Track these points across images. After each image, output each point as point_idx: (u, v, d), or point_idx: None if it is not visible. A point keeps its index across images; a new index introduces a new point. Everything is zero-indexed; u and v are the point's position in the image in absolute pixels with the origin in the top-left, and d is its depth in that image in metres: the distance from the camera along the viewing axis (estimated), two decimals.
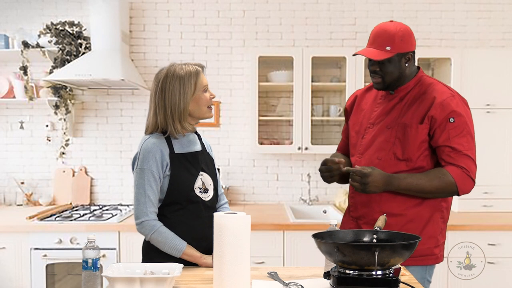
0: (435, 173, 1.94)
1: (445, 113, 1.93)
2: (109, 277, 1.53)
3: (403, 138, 1.97)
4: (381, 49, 1.95)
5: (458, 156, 1.92)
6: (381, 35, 1.96)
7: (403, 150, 1.97)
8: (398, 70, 1.99)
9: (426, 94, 1.99)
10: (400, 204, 1.98)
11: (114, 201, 3.86)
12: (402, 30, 1.95)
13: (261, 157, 3.89)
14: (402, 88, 2.04)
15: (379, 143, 2.02)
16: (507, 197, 3.50)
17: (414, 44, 2.00)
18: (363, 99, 2.19)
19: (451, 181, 1.91)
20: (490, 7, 3.87)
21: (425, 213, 2.00)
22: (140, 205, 1.88)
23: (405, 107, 2.01)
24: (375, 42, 1.97)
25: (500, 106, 3.48)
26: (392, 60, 1.97)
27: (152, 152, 1.89)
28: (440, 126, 1.93)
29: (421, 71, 2.09)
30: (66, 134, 3.72)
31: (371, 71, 2.02)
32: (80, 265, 2.40)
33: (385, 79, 2.00)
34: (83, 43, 3.65)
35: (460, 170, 1.92)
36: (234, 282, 1.55)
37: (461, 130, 1.93)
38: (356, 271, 1.48)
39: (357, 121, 2.16)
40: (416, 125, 1.96)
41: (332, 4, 3.86)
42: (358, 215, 2.06)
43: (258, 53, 3.55)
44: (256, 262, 3.02)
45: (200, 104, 1.96)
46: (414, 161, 1.97)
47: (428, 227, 2.01)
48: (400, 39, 1.94)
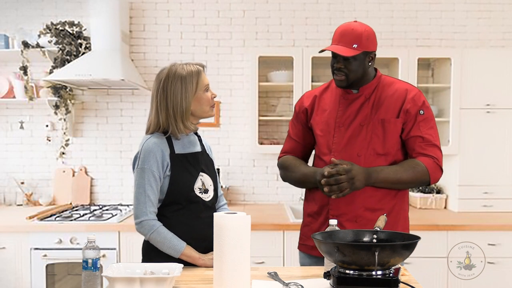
0: (409, 164, 2.02)
1: (417, 106, 2.04)
2: (109, 277, 1.53)
3: (382, 133, 2.03)
4: (349, 47, 1.98)
5: (428, 146, 2.03)
6: (348, 33, 2.00)
7: (383, 145, 2.03)
8: (362, 68, 2.04)
9: (394, 90, 2.08)
10: (380, 199, 2.03)
11: (114, 201, 3.86)
12: (367, 30, 2.02)
13: (261, 157, 3.89)
14: (367, 87, 2.09)
15: (356, 141, 2.05)
16: (507, 197, 3.50)
17: (376, 44, 2.08)
18: (322, 99, 2.19)
19: (424, 170, 2.00)
20: (490, 7, 3.87)
21: (398, 205, 2.09)
22: (140, 204, 1.88)
23: (375, 104, 2.06)
24: (342, 40, 2.00)
25: (500, 106, 3.48)
26: (357, 58, 2.01)
27: (153, 152, 1.89)
28: (412, 119, 2.03)
29: (378, 71, 2.15)
30: (66, 134, 3.72)
31: (336, 68, 2.04)
32: (80, 265, 2.40)
33: (349, 76, 2.03)
34: (83, 43, 3.65)
35: (431, 160, 2.02)
36: (234, 282, 1.55)
37: (429, 122, 2.05)
38: (356, 271, 1.48)
39: (321, 120, 2.15)
40: (394, 119, 2.03)
41: (332, 4, 3.86)
42: (339, 213, 2.05)
43: (258, 53, 3.55)
44: (256, 262, 3.02)
45: (202, 104, 1.96)
46: (392, 155, 2.05)
47: (402, 219, 2.11)
48: (366, 38, 2.00)
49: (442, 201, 3.71)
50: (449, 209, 3.69)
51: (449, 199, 3.68)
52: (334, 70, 2.06)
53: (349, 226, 2.02)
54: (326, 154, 2.12)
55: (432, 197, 3.69)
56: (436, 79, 3.79)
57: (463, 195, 3.51)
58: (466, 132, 3.49)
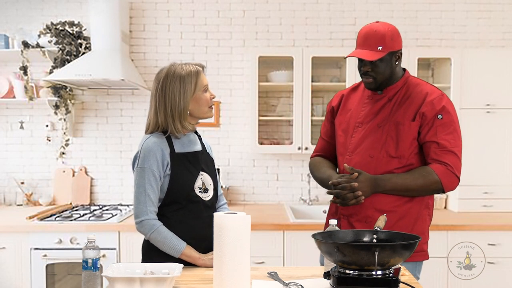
0: (419, 172, 1.97)
1: (434, 110, 1.97)
2: (109, 277, 1.53)
3: (396, 135, 2.00)
4: (373, 50, 1.97)
5: (443, 153, 1.96)
6: (371, 36, 1.98)
7: (396, 147, 2.00)
8: (390, 69, 2.02)
9: (416, 92, 2.04)
10: (392, 201, 2.00)
11: (114, 201, 3.86)
12: (391, 30, 2.00)
13: (261, 157, 3.89)
14: (391, 88, 2.07)
15: (371, 142, 2.03)
16: (507, 197, 3.50)
17: (401, 42, 2.06)
18: (349, 99, 2.20)
19: (435, 179, 1.94)
20: (490, 7, 3.87)
21: (414, 210, 2.03)
22: (140, 204, 1.88)
23: (395, 106, 2.04)
24: (366, 43, 1.99)
25: (500, 106, 3.48)
26: (384, 60, 1.99)
27: (153, 151, 1.89)
28: (429, 123, 1.98)
29: (407, 71, 2.13)
30: (66, 134, 3.72)
31: (363, 72, 2.03)
32: (80, 265, 2.40)
33: (377, 79, 2.02)
34: (83, 43, 3.65)
35: (444, 167, 1.95)
36: (234, 282, 1.55)
37: (448, 127, 1.97)
38: (356, 271, 1.48)
39: (344, 120, 2.16)
40: (409, 122, 1.99)
41: (332, 4, 3.86)
42: (349, 212, 2.05)
43: (258, 53, 3.55)
44: (256, 262, 3.02)
45: (200, 104, 1.96)
46: (406, 158, 2.00)
47: (418, 224, 2.05)
48: (391, 38, 1.98)
49: (442, 201, 3.71)
50: (449, 209, 3.69)
51: (449, 199, 3.68)
52: (361, 74, 2.05)
53: (359, 226, 2.02)
54: (342, 154, 2.14)
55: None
56: (436, 79, 3.79)
57: (463, 195, 3.51)
58: (466, 132, 3.47)
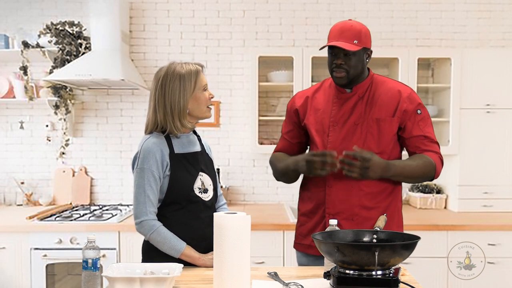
0: (419, 158, 2.07)
1: (413, 105, 2.08)
2: (109, 277, 1.53)
3: (377, 132, 2.05)
4: (350, 42, 2.00)
5: (430, 143, 2.10)
6: (347, 30, 2.02)
7: (378, 143, 2.05)
8: (361, 64, 2.06)
9: (386, 89, 2.11)
10: (374, 197, 2.05)
11: (114, 201, 3.86)
12: (365, 28, 2.06)
13: (261, 157, 3.89)
14: (360, 86, 2.10)
15: (352, 139, 2.06)
16: (507, 197, 3.50)
17: (371, 43, 2.10)
18: (314, 99, 2.20)
19: (433, 165, 2.05)
20: (490, 7, 3.87)
21: (394, 204, 2.12)
22: (140, 204, 1.88)
23: (369, 103, 2.08)
24: (342, 36, 2.01)
25: (500, 106, 3.48)
26: (357, 54, 2.03)
27: (152, 152, 1.89)
28: (411, 118, 2.07)
29: (371, 70, 2.17)
30: (66, 134, 3.72)
31: (336, 65, 2.05)
32: (80, 265, 2.39)
33: (349, 73, 2.04)
34: (83, 43, 3.65)
35: (436, 155, 2.09)
36: (234, 282, 1.55)
37: (427, 121, 2.11)
38: (356, 271, 1.48)
39: (315, 120, 2.16)
40: (390, 118, 2.06)
41: (332, 4, 3.86)
42: (336, 211, 2.06)
43: (258, 53, 3.55)
44: (256, 262, 3.02)
45: (199, 103, 1.96)
46: (387, 153, 2.07)
47: (397, 217, 2.14)
48: (365, 35, 2.04)
49: (442, 201, 3.71)
50: (449, 209, 3.69)
51: (449, 199, 3.68)
52: (333, 68, 2.06)
53: (346, 224, 2.03)
54: None
55: (432, 197, 3.69)
56: (436, 79, 3.79)
57: (463, 195, 3.51)
58: (466, 132, 3.49)
